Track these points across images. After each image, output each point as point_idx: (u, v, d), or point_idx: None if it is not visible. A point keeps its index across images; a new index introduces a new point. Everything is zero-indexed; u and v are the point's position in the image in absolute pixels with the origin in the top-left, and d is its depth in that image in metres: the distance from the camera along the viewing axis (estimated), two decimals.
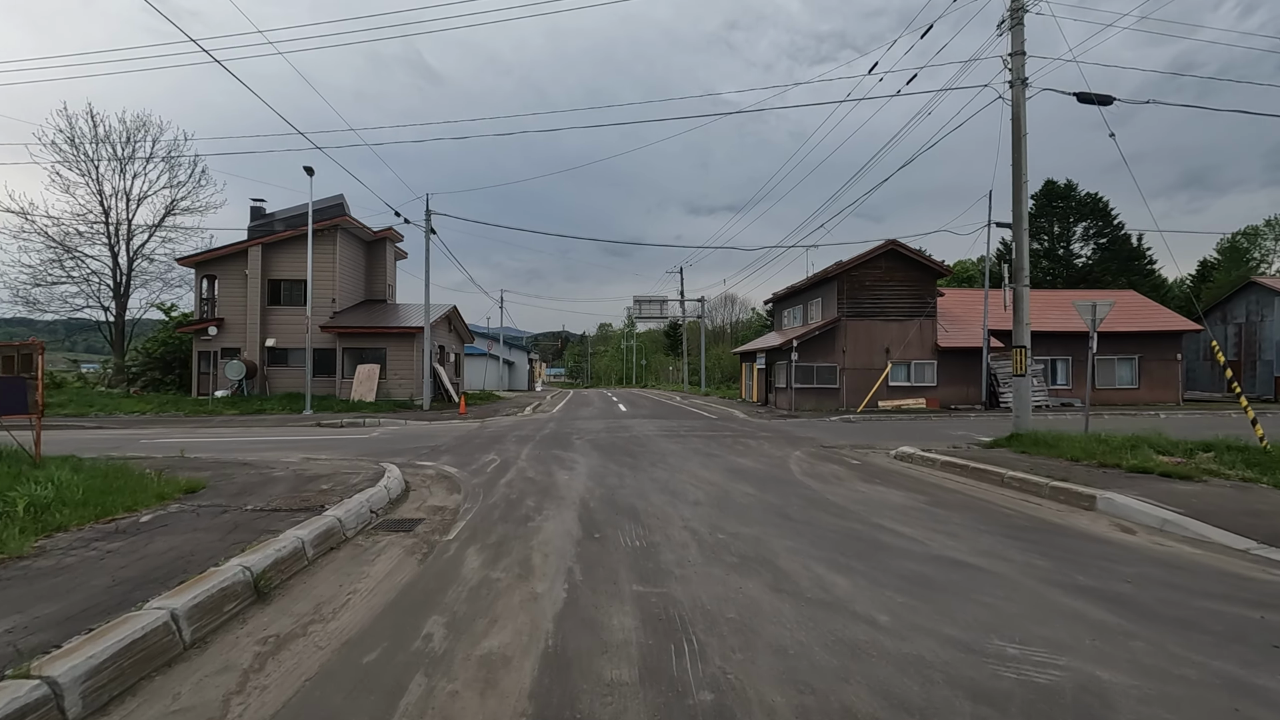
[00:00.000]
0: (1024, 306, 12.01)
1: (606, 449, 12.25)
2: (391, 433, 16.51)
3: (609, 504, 6.91)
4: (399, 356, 24.96)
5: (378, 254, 29.80)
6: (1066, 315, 26.57)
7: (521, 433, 15.99)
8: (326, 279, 26.13)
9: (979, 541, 5.31)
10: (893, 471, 9.49)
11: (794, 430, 16.76)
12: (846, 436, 15.10)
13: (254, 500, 6.21)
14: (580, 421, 19.85)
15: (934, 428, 17.73)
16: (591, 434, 15.50)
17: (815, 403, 23.36)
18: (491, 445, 13.10)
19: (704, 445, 12.93)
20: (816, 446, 12.94)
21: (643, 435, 15.11)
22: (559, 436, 14.86)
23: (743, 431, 16.23)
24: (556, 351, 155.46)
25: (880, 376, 23.49)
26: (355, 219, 26.86)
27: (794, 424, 18.95)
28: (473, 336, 34.89)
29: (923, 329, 23.69)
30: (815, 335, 23.26)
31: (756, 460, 10.62)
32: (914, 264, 23.66)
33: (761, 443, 13.47)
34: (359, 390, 24.14)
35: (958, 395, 23.82)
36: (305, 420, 19.47)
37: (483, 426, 18.26)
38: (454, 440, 14.23)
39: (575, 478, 8.76)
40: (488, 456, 11.23)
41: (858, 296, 23.59)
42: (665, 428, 17.32)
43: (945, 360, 23.78)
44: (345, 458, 11.04)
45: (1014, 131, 12.02)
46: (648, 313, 44.68)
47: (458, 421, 19.90)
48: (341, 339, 24.91)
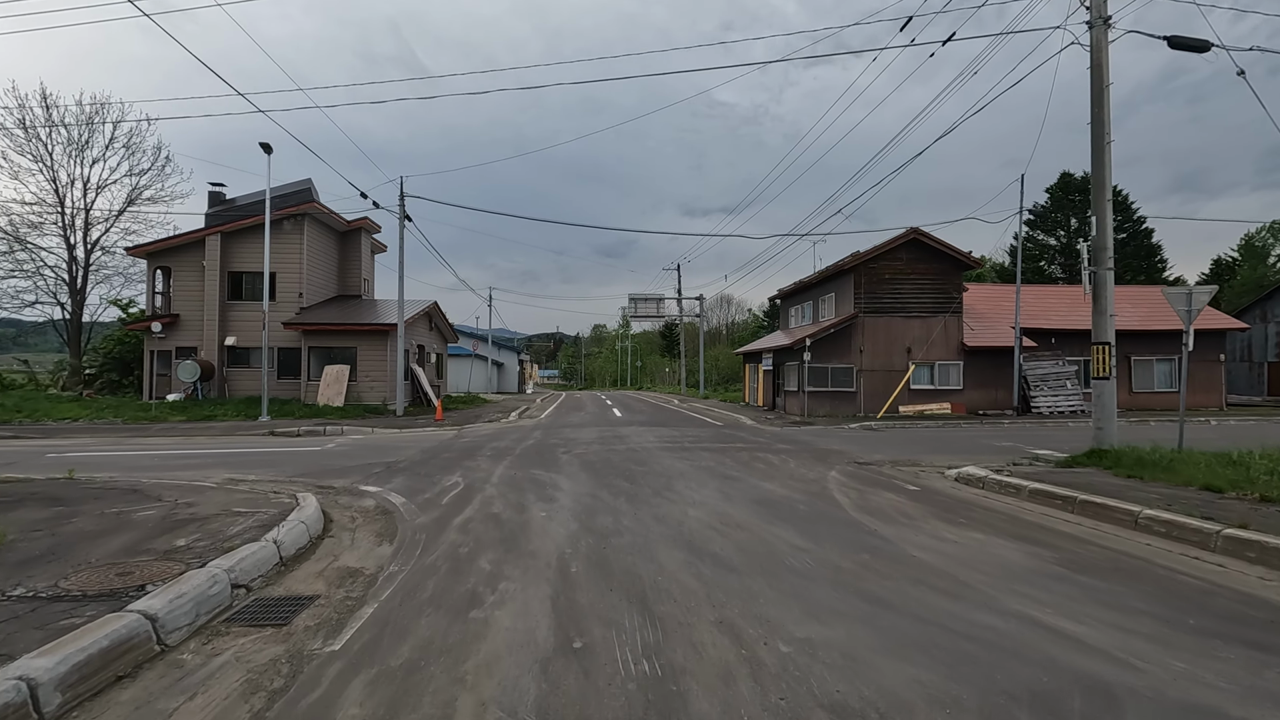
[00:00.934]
0: (1107, 294, 9.90)
1: (598, 468, 10.05)
2: (351, 444, 14.28)
3: (600, 568, 4.71)
4: (371, 357, 22.68)
5: (352, 246, 27.51)
6: None
7: (500, 444, 13.79)
8: (292, 271, 23.83)
9: (1231, 666, 3.14)
10: (968, 503, 7.33)
11: (815, 440, 14.61)
12: (878, 449, 12.96)
13: (43, 575, 3.98)
14: (570, 430, 17.65)
15: (972, 437, 15.62)
16: (582, 446, 13.31)
17: (830, 407, 21.23)
18: (461, 461, 10.89)
19: (716, 462, 10.75)
20: (850, 463, 10.80)
21: (641, 448, 12.92)
22: (543, 450, 12.66)
23: (757, 443, 14.07)
24: (550, 353, 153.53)
25: (901, 379, 21.39)
26: (325, 206, 24.57)
27: (812, 433, 16.80)
28: (457, 336, 32.61)
29: (947, 327, 21.60)
30: (830, 333, 21.14)
31: (787, 484, 8.44)
32: (938, 255, 21.58)
33: (784, 458, 11.31)
34: (326, 394, 21.85)
35: (985, 399, 21.75)
36: (258, 429, 17.19)
37: (458, 435, 16.04)
38: (419, 454, 12.02)
39: (555, 516, 6.55)
40: (450, 479, 9.02)
41: (876, 291, 21.48)
42: (667, 438, 15.14)
43: (972, 361, 21.70)
44: (274, 480, 8.88)
45: (1094, 82, 9.92)
46: (644, 311, 42.50)
47: (432, 429, 17.67)
48: (307, 337, 22.62)
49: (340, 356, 22.72)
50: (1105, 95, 9.83)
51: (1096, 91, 9.87)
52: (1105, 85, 9.83)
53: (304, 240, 23.84)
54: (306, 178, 24.57)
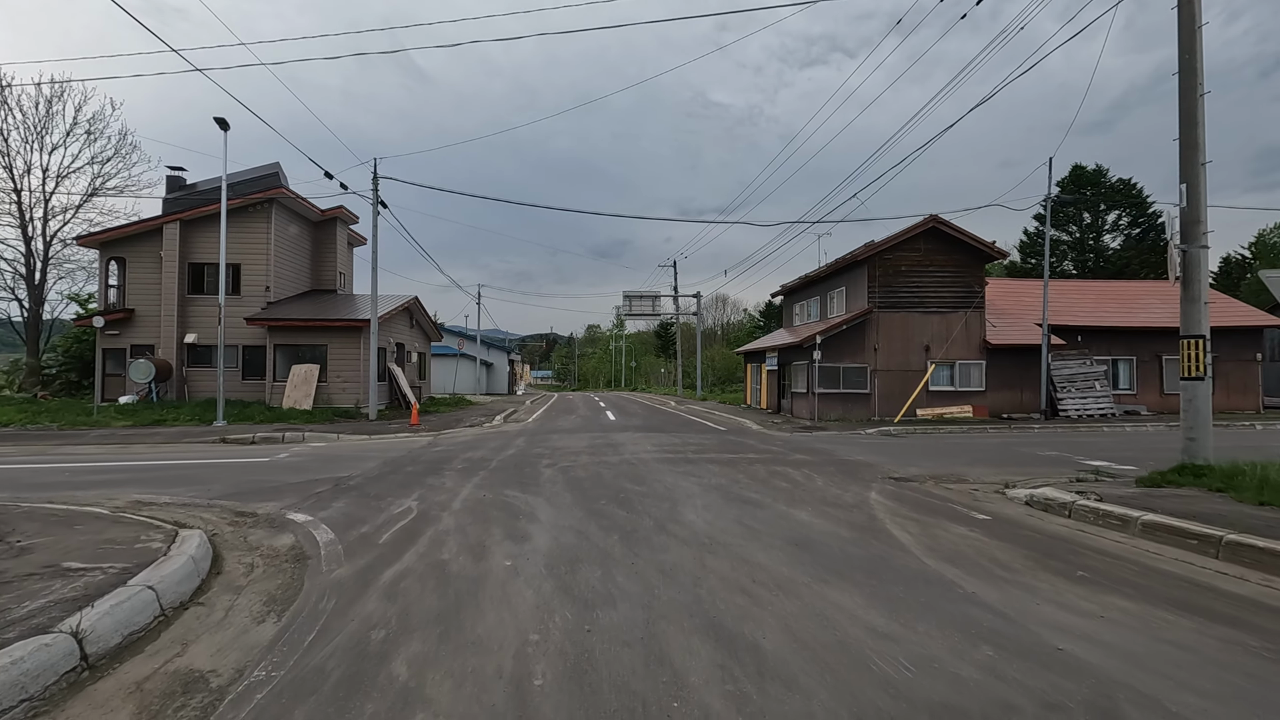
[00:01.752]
0: (1200, 278, 8.26)
1: (587, 488, 8.31)
2: (307, 454, 12.49)
3: (578, 682, 2.97)
4: (343, 355, 20.87)
5: (326, 237, 25.67)
6: (1128, 308, 23.04)
7: (476, 454, 12.03)
8: (258, 263, 21.99)
9: None
10: (1068, 542, 5.64)
11: (833, 449, 12.91)
12: (909, 459, 11.28)
13: None
14: (558, 437, 15.91)
15: (1007, 445, 13.96)
16: (569, 457, 11.56)
17: (842, 410, 19.55)
18: (424, 478, 9.14)
19: (728, 478, 9.03)
20: (885, 478, 9.12)
21: (637, 459, 11.19)
22: (524, 462, 10.90)
23: (769, 452, 12.35)
24: (544, 354, 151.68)
25: (920, 380, 19.74)
26: (296, 193, 22.73)
27: (827, 439, 15.11)
28: (441, 334, 30.78)
29: (969, 323, 19.96)
30: (842, 330, 19.46)
31: (823, 512, 6.73)
32: (959, 245, 19.94)
33: (806, 472, 9.60)
34: (293, 396, 20.02)
35: (1010, 402, 20.13)
36: (209, 435, 15.36)
37: (432, 443, 14.27)
38: (379, 468, 10.25)
39: (524, 568, 4.81)
40: (403, 504, 7.27)
41: (892, 284, 19.81)
42: (666, 446, 13.41)
43: (995, 360, 20.07)
44: (188, 504, 7.21)
45: (1182, 22, 8.26)
46: (638, 309, 40.73)
47: (404, 436, 15.90)
48: (273, 334, 20.78)
49: (309, 355, 20.90)
50: (1197, 38, 8.17)
51: (1186, 34, 8.21)
52: (1197, 26, 8.17)
53: (271, 229, 22.00)
54: (274, 161, 22.75)
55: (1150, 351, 21.86)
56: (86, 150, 31.59)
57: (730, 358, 64.35)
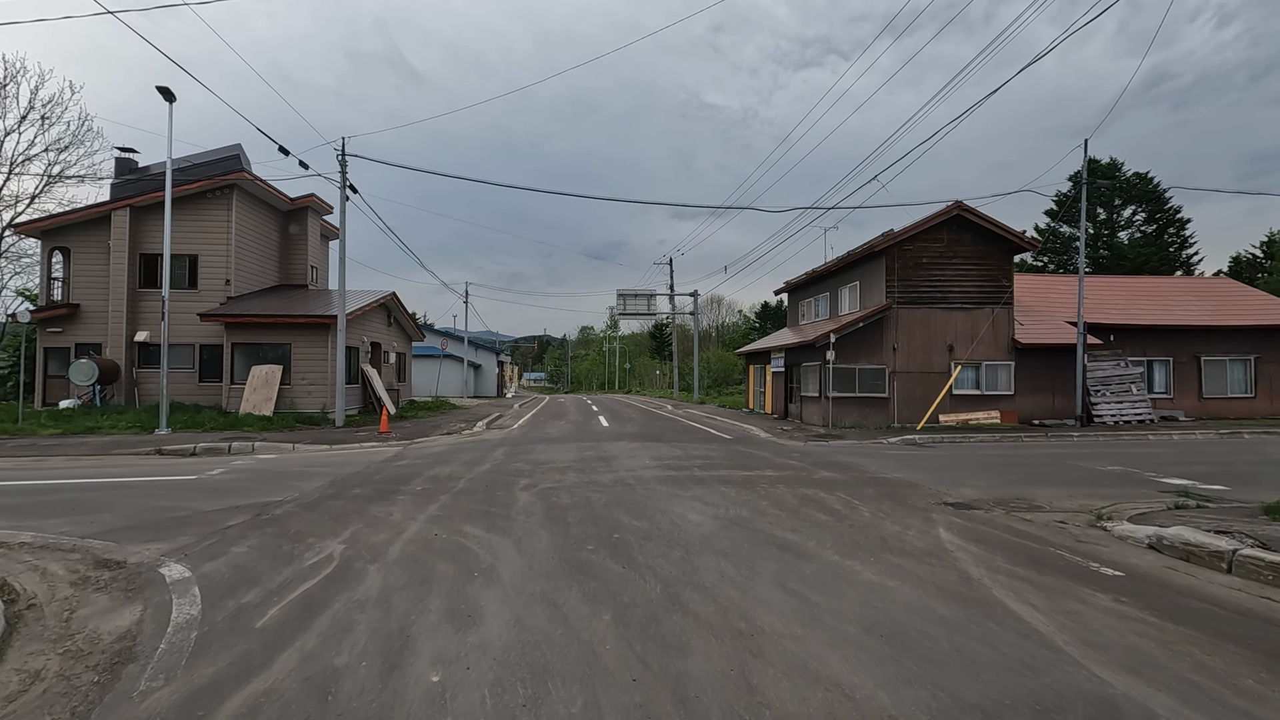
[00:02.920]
0: None
1: (570, 524, 6.48)
2: (245, 470, 10.61)
3: None
4: (309, 355, 18.94)
5: (297, 228, 23.72)
6: (1162, 305, 21.41)
7: (445, 470, 10.18)
8: (218, 254, 20.04)
9: None
10: (1275, 624, 3.85)
11: (861, 463, 11.12)
12: (956, 476, 9.51)
13: None
14: (543, 447, 14.06)
15: (1055, 457, 12.21)
16: (553, 475, 9.72)
17: (858, 416, 17.78)
18: (368, 506, 7.29)
19: (750, 508, 7.22)
20: (942, 505, 7.36)
21: (634, 478, 9.36)
22: (497, 483, 9.05)
23: (789, 468, 10.54)
24: (536, 355, 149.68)
25: (943, 383, 18.00)
26: (261, 180, 20.81)
27: (849, 450, 13.33)
28: (423, 334, 28.85)
29: (996, 321, 18.23)
30: (858, 328, 17.69)
31: (895, 569, 4.93)
32: (986, 235, 18.21)
33: (843, 497, 7.79)
34: (252, 400, 18.08)
35: (1040, 407, 18.40)
36: (145, 446, 13.43)
37: (397, 455, 12.42)
38: (322, 489, 8.40)
39: (457, 697, 2.96)
40: (324, 549, 5.44)
41: (912, 278, 18.06)
42: (668, 460, 11.59)
43: (1024, 362, 18.35)
44: (48, 543, 5.71)
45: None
46: (633, 308, 38.85)
47: (371, 445, 14.03)
48: (231, 332, 18.83)
49: (271, 355, 18.96)
50: None
51: None
52: None
53: (231, 216, 20.05)
54: (235, 143, 20.80)
55: (1188, 352, 20.21)
56: (42, 136, 29.54)
57: (727, 359, 62.57)
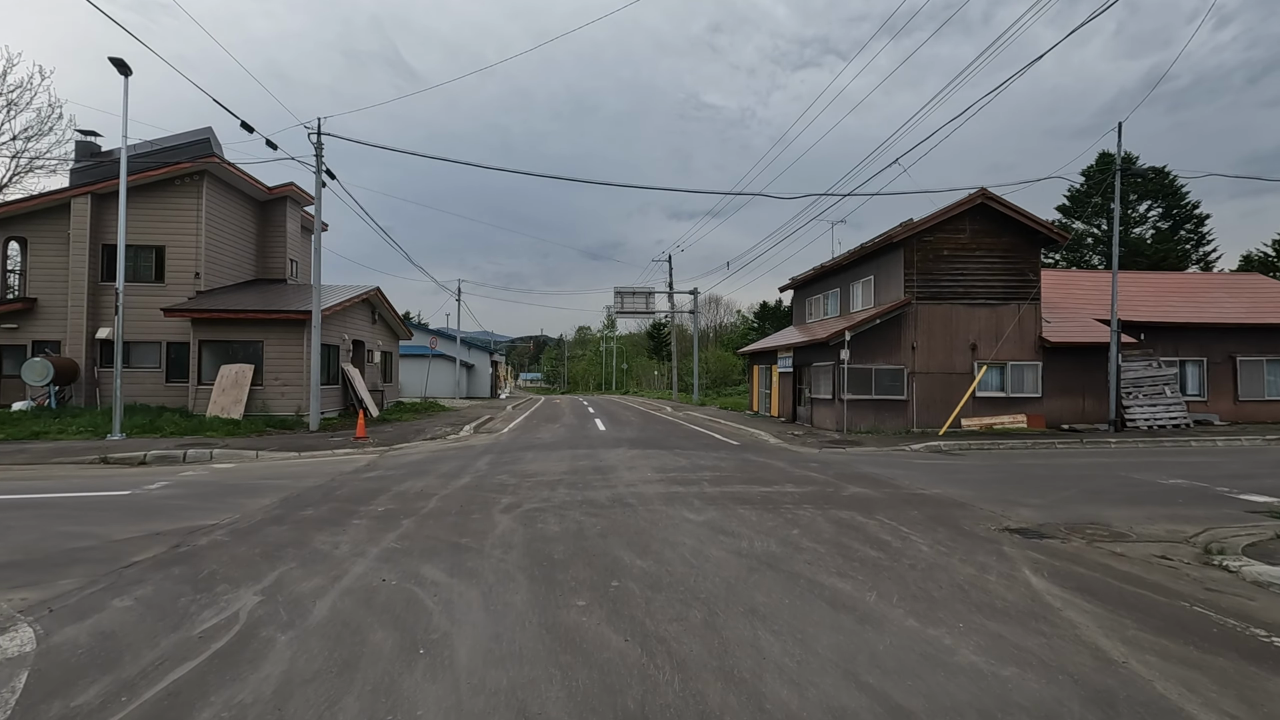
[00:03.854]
0: None
1: (556, 567, 5.17)
2: (190, 484, 9.28)
3: None
4: (282, 354, 17.60)
5: (275, 219, 22.37)
6: (1194, 302, 20.19)
7: (418, 484, 8.85)
8: (187, 245, 18.69)
9: None
10: None
11: (891, 476, 9.83)
12: (1005, 493, 8.24)
13: None
14: (533, 455, 12.75)
15: (1103, 467, 10.94)
16: (541, 491, 8.41)
17: (874, 420, 16.51)
18: (312, 534, 5.98)
19: (783, 543, 5.92)
20: (1007, 533, 6.09)
21: (637, 496, 8.05)
22: (474, 501, 7.73)
23: (813, 482, 9.25)
24: (533, 355, 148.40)
25: (965, 384, 16.73)
26: (235, 166, 19.45)
27: (870, 459, 12.04)
28: (410, 332, 27.50)
29: (1022, 318, 16.98)
30: (875, 325, 16.42)
31: (997, 642, 3.63)
32: (1011, 225, 16.95)
33: (888, 522, 6.50)
34: (220, 402, 16.73)
35: (1069, 410, 17.14)
36: (92, 453, 12.09)
37: (370, 465, 11.10)
38: (265, 510, 7.07)
39: None
40: (234, 604, 4.13)
41: (932, 271, 16.79)
42: (673, 471, 10.28)
43: (1052, 362, 17.10)
44: None
45: None
46: (631, 306, 37.54)
47: (344, 452, 12.71)
48: (198, 328, 17.47)
49: (242, 354, 17.61)
50: None
51: None
52: None
53: (202, 205, 18.70)
54: (206, 126, 19.46)
55: (1222, 352, 19.00)
56: (10, 124, 28.09)
57: (725, 360, 61.30)
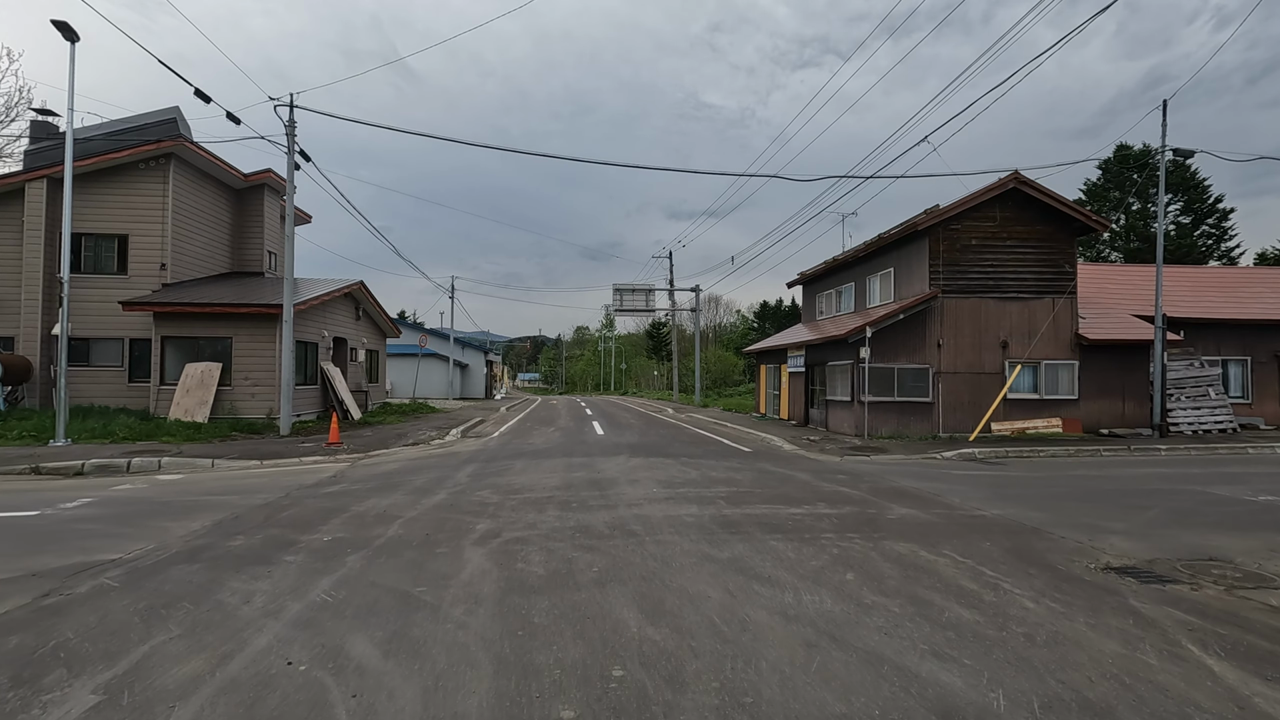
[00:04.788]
0: None
1: (538, 633, 3.77)
2: (125, 498, 7.91)
3: None
4: (253, 351, 16.21)
5: (252, 209, 20.98)
6: (1235, 299, 18.88)
7: (382, 503, 7.48)
8: (151, 234, 17.31)
9: None
10: None
11: (938, 493, 8.48)
12: (1080, 514, 6.89)
13: None
14: (522, 465, 11.37)
15: (1165, 479, 9.60)
16: (527, 513, 7.03)
17: (897, 424, 15.16)
18: (233, 575, 4.58)
19: (840, 597, 4.55)
20: (1114, 574, 4.76)
21: (641, 522, 6.69)
22: (444, 529, 6.35)
23: (847, 499, 7.88)
24: (530, 355, 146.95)
25: (996, 385, 15.40)
26: (203, 149, 18.06)
27: (901, 469, 10.69)
28: (399, 330, 26.12)
29: (1057, 313, 15.64)
30: (898, 320, 15.06)
31: None
32: (1046, 212, 15.60)
33: (967, 562, 5.15)
34: (184, 403, 15.34)
35: (1108, 413, 15.80)
36: (28, 460, 10.71)
37: (336, 477, 9.73)
38: (192, 537, 5.70)
39: None
40: (49, 718, 2.71)
41: (959, 262, 15.45)
42: (681, 488, 8.91)
43: (1089, 361, 15.76)
44: None
45: None
46: (630, 304, 36.18)
47: (312, 461, 11.34)
48: (161, 323, 16.08)
49: (209, 351, 16.23)
50: None
51: None
52: None
53: (168, 190, 17.31)
54: (173, 106, 18.06)
55: (1267, 351, 17.70)
56: None
57: (725, 360, 59.92)
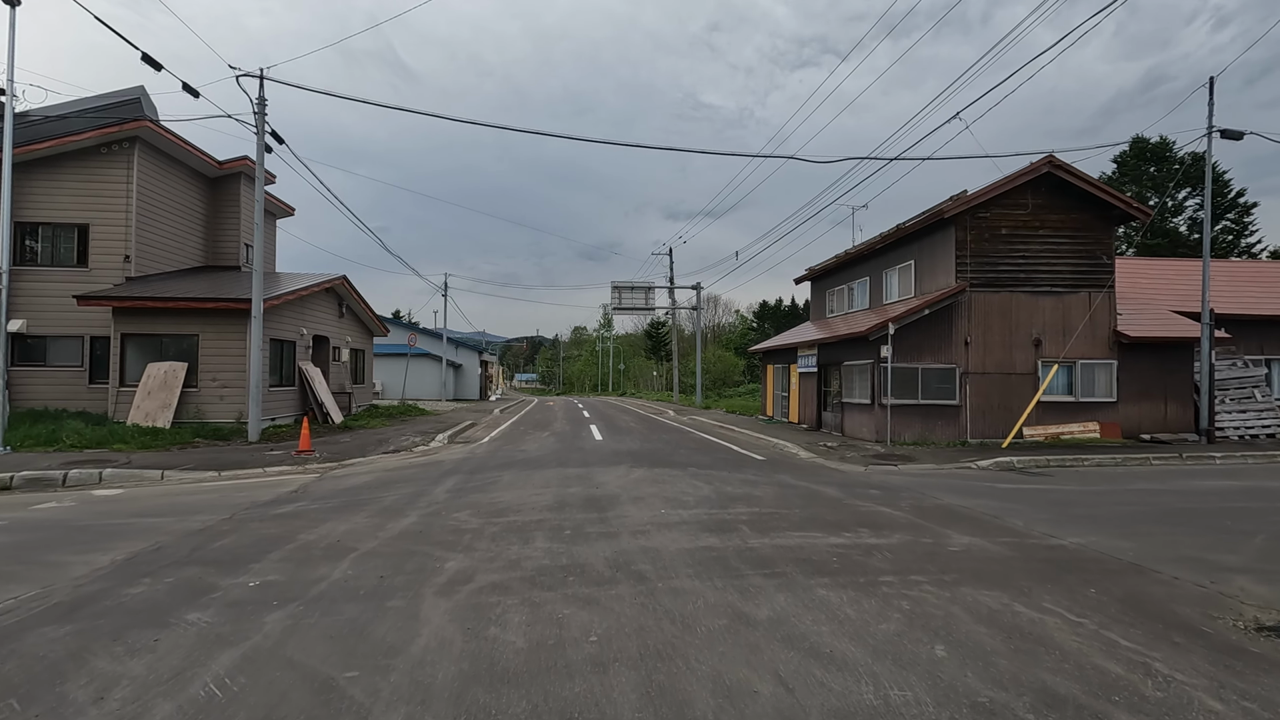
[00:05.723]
0: None
1: None
2: (34, 522, 6.66)
3: None
4: (222, 350, 14.95)
5: (227, 199, 19.70)
6: (1277, 294, 17.67)
7: (339, 529, 6.22)
8: (114, 223, 16.04)
9: None
10: None
11: (994, 513, 7.25)
12: (1175, 542, 5.67)
13: None
14: (510, 478, 10.11)
15: (1245, 493, 8.36)
16: (510, 546, 5.78)
17: (921, 428, 13.95)
18: (106, 649, 3.29)
19: (932, 684, 3.29)
20: (1266, 635, 3.44)
21: (649, 558, 5.44)
22: (403, 569, 5.09)
23: (894, 525, 6.66)
24: (528, 356, 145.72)
25: (1027, 386, 14.20)
26: (172, 133, 16.80)
27: (936, 482, 9.46)
28: (386, 329, 24.83)
29: (1094, 309, 14.44)
30: (923, 316, 13.86)
31: None
32: (1082, 199, 14.40)
33: (1085, 622, 3.90)
34: (144, 407, 14.07)
35: (1149, 417, 14.60)
36: None
37: (297, 493, 8.48)
38: (85, 580, 4.43)
39: None
40: None
41: (989, 254, 14.25)
42: (694, 509, 7.67)
43: (1128, 360, 14.57)
44: None
45: None
46: (629, 302, 34.94)
47: (277, 471, 10.10)
48: (122, 319, 14.81)
49: (174, 350, 14.97)
50: None
51: None
52: None
53: (132, 177, 16.04)
54: (137, 85, 16.78)
55: None
56: None
57: (726, 360, 58.68)
